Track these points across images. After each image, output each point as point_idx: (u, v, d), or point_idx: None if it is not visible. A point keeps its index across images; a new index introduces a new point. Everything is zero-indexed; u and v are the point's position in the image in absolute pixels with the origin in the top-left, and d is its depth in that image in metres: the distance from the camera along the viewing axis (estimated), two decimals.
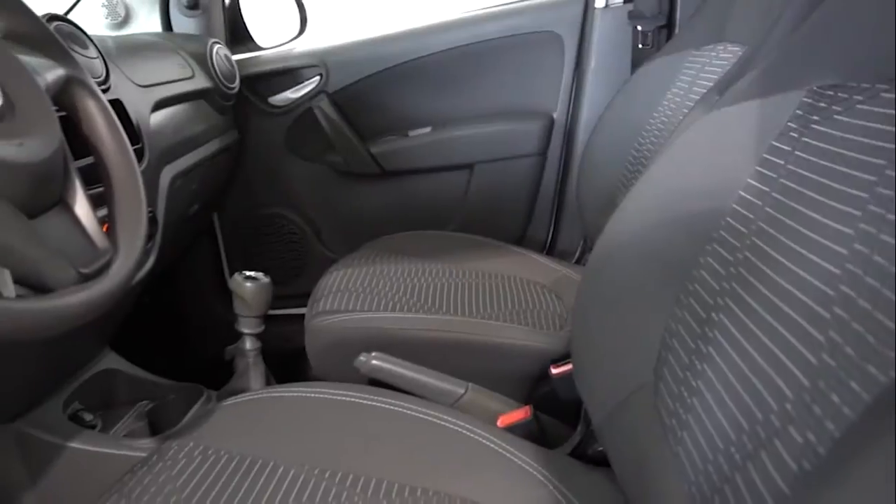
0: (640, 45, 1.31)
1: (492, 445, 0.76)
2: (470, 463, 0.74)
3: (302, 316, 1.09)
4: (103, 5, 1.40)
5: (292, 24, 1.57)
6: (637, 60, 1.32)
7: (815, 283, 0.43)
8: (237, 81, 1.41)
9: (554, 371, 0.92)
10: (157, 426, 1.04)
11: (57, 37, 0.66)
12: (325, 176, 1.55)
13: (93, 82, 0.67)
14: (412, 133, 1.51)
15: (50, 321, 0.48)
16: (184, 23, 1.46)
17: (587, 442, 0.81)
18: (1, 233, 0.48)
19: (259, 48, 1.56)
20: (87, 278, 0.54)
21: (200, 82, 1.29)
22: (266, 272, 1.17)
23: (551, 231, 1.53)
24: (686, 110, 0.99)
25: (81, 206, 0.57)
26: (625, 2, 1.34)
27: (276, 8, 1.57)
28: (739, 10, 0.99)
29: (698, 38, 1.06)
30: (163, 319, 1.54)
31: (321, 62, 1.49)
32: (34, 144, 0.52)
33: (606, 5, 1.36)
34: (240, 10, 1.56)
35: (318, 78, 1.49)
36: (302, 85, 1.50)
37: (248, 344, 1.14)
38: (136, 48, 1.18)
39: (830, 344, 0.40)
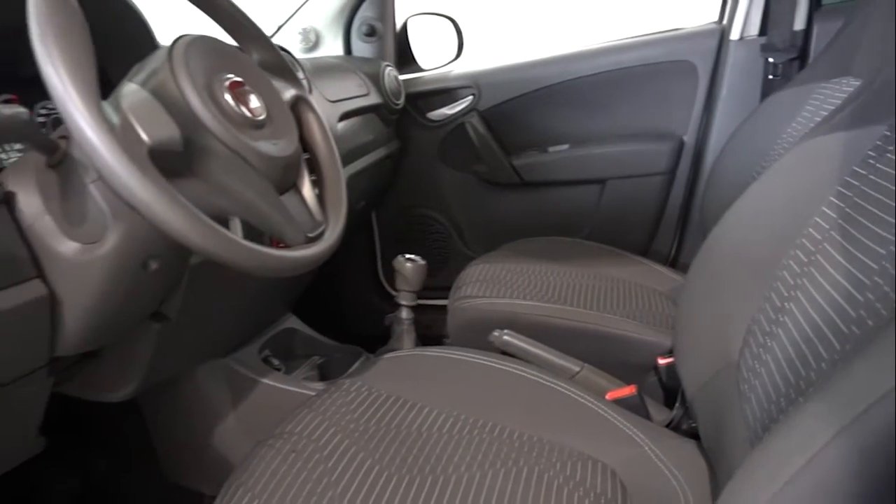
0: (770, 77, 1.40)
1: (599, 411, 0.91)
2: (579, 422, 0.89)
3: (441, 307, 1.28)
4: (299, 33, 1.68)
5: (451, 49, 1.79)
6: (767, 90, 1.41)
7: (857, 274, 0.56)
8: (402, 98, 1.64)
9: (661, 361, 1.05)
10: (325, 377, 1.28)
11: (290, 66, 0.89)
12: (471, 183, 1.75)
13: (313, 100, 0.89)
14: (551, 149, 1.67)
15: (287, 267, 0.70)
16: (361, 47, 1.71)
17: (682, 419, 0.93)
18: (262, 202, 0.71)
19: (421, 70, 1.79)
20: (310, 241, 0.76)
21: (373, 98, 1.53)
22: None
23: (675, 245, 1.64)
24: None
25: (307, 190, 0.79)
26: (759, 35, 1.43)
27: (438, 35, 1.80)
28: (866, 46, 1.06)
29: (827, 70, 1.13)
30: (327, 295, 1.79)
31: (474, 83, 1.68)
32: (284, 144, 0.74)
33: (741, 38, 1.45)
34: (408, 36, 1.79)
35: (471, 97, 1.69)
36: (457, 103, 1.70)
37: (405, 313, 1.36)
38: (325, 69, 1.43)
39: (859, 318, 0.52)
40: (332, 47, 1.71)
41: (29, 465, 0.88)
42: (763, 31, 1.44)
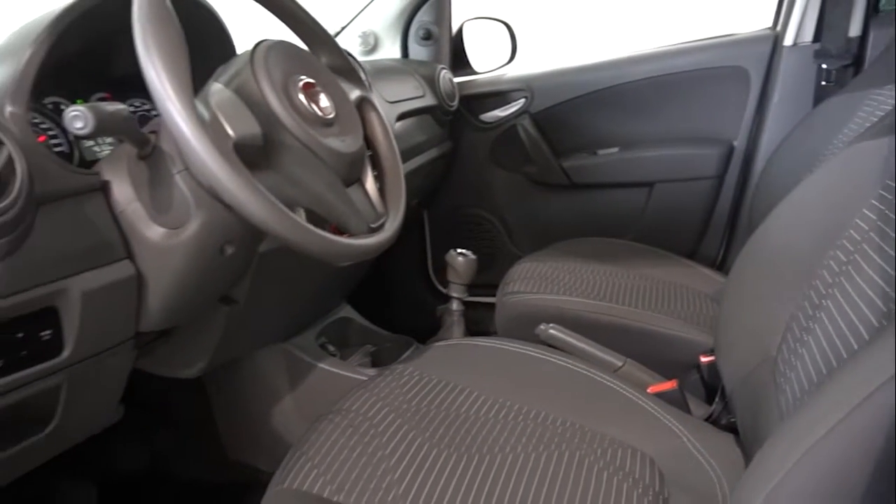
0: (822, 83, 1.40)
1: (640, 402, 0.95)
2: (620, 413, 0.93)
3: (488, 304, 1.33)
4: (359, 36, 1.75)
5: (504, 53, 1.84)
6: (819, 96, 1.41)
7: (890, 272, 0.59)
8: (457, 100, 1.70)
9: (703, 359, 1.08)
10: (377, 365, 1.34)
11: (355, 68, 0.95)
12: (521, 184, 1.79)
13: (376, 100, 0.95)
14: (601, 152, 1.70)
15: (351, 253, 0.76)
16: (418, 51, 1.78)
17: (722, 413, 0.96)
18: (330, 194, 0.77)
19: (475, 73, 1.85)
20: (372, 231, 0.82)
21: (429, 100, 1.58)
22: None
23: (723, 248, 1.65)
24: None
25: (370, 184, 0.85)
26: (813, 41, 1.44)
27: (492, 39, 1.85)
28: None
29: (881, 77, 1.14)
30: (379, 288, 1.86)
31: (527, 86, 1.73)
32: (350, 141, 0.80)
33: (794, 44, 1.46)
34: (463, 40, 1.85)
35: (523, 100, 1.73)
36: (509, 105, 1.75)
37: (455, 305, 1.42)
38: (384, 71, 1.50)
39: (889, 312, 0.55)
40: (390, 50, 1.77)
41: (104, 435, 0.96)
42: (817, 37, 1.44)
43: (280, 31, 0.87)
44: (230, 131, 0.68)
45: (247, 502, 1.27)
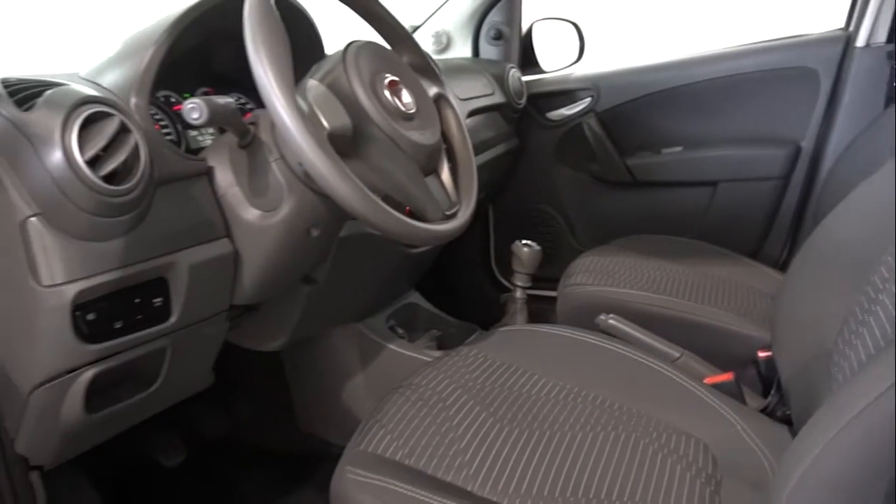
0: (895, 84, 1.39)
1: (696, 392, 0.98)
2: (676, 400, 0.96)
3: (548, 297, 1.37)
4: (432, 35, 1.83)
5: (572, 53, 1.88)
6: (891, 97, 1.40)
7: None
8: (524, 98, 1.75)
9: (760, 354, 1.10)
10: (442, 349, 1.41)
11: (433, 67, 1.02)
12: (584, 181, 1.83)
13: (451, 97, 1.02)
14: (665, 150, 1.72)
15: (429, 237, 0.83)
16: (488, 50, 1.84)
17: (777, 405, 0.98)
18: (410, 182, 0.84)
19: (543, 72, 1.89)
20: (447, 218, 0.88)
21: (498, 98, 1.64)
22: None
23: (787, 249, 1.65)
24: None
25: (445, 175, 0.92)
26: (887, 42, 1.43)
27: (560, 38, 1.89)
28: None
29: None
30: (444, 279, 1.93)
31: (594, 85, 1.76)
32: (429, 134, 0.87)
33: (867, 45, 1.45)
34: (532, 40, 1.90)
35: (589, 99, 1.77)
36: (575, 104, 1.79)
37: (519, 293, 1.47)
38: (455, 69, 1.56)
39: None
40: (462, 50, 1.84)
41: (191, 399, 1.06)
42: (891, 37, 1.43)
43: (364, 32, 0.95)
44: (325, 123, 0.75)
45: (316, 472, 1.37)
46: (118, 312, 0.78)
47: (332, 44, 1.05)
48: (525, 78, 1.80)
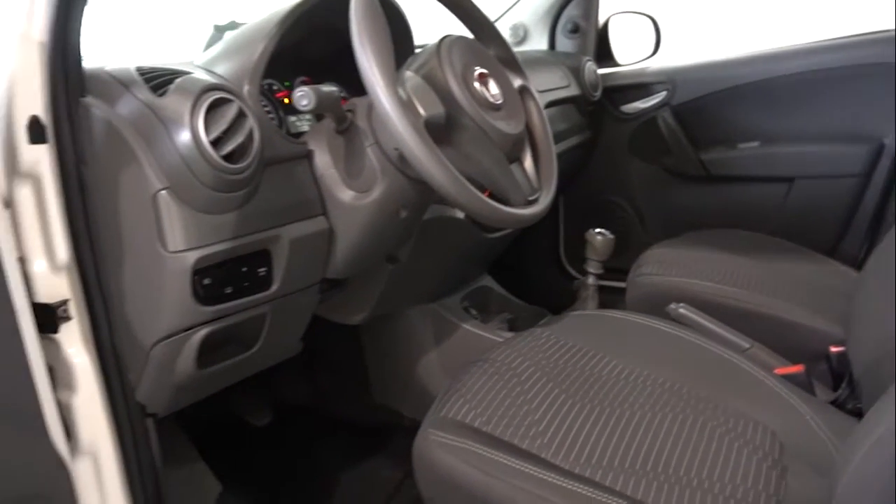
0: None
1: (766, 382, 1.00)
2: (746, 388, 0.98)
3: (615, 288, 1.40)
4: (509, 28, 1.87)
5: (647, 46, 1.89)
6: None
7: None
8: (599, 91, 1.78)
9: (833, 349, 1.11)
10: (514, 331, 1.46)
11: (518, 61, 1.07)
12: (657, 174, 1.84)
13: (534, 89, 1.07)
14: (741, 146, 1.72)
15: (512, 220, 0.89)
16: (564, 43, 1.87)
17: (848, 398, 0.99)
18: (496, 169, 0.90)
19: (618, 65, 1.91)
20: (529, 203, 0.93)
21: (573, 90, 1.68)
22: None
23: (865, 248, 1.62)
24: None
25: (528, 163, 0.97)
26: None
27: (636, 31, 1.90)
28: None
29: None
30: (513, 267, 1.98)
31: (670, 79, 1.77)
32: (514, 123, 0.92)
33: None
34: (608, 33, 1.92)
35: (664, 92, 1.77)
36: (651, 97, 1.80)
37: (591, 279, 1.51)
38: (533, 62, 1.60)
39: None
40: (538, 42, 1.87)
41: (275, 368, 1.14)
42: None
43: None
44: (421, 111, 0.82)
45: (389, 442, 1.44)
46: (229, 279, 0.87)
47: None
48: (600, 71, 1.83)
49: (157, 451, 0.94)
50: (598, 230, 1.50)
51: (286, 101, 1.06)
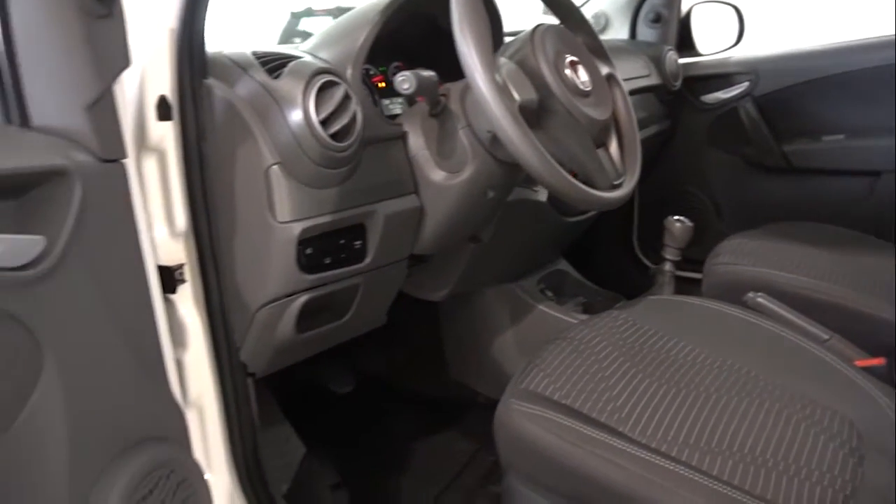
0: None
1: (845, 372, 1.00)
2: (824, 378, 0.98)
3: (691, 280, 1.40)
4: (591, 17, 1.88)
5: (730, 35, 1.87)
6: None
7: None
8: (680, 81, 1.77)
9: None
10: (589, 314, 1.49)
11: (605, 49, 1.09)
12: (737, 165, 1.83)
13: (619, 76, 1.09)
14: (826, 138, 1.69)
15: (599, 202, 0.92)
16: (646, 32, 1.87)
17: None
18: (583, 153, 0.93)
19: (700, 55, 1.90)
20: (614, 187, 0.97)
21: (654, 80, 1.68)
22: None
23: None
24: None
25: (613, 148, 1.00)
26: None
27: (719, 21, 1.89)
28: None
29: None
30: (587, 253, 2.00)
31: (752, 70, 1.75)
32: (602, 110, 0.95)
33: None
34: (690, 23, 1.91)
35: (747, 83, 1.76)
36: (732, 88, 1.79)
37: (668, 266, 1.53)
38: (615, 51, 1.61)
39: None
40: (619, 31, 1.88)
41: (358, 340, 1.20)
42: None
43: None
44: (516, 95, 0.86)
45: (463, 417, 1.50)
46: (328, 250, 0.93)
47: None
48: (681, 60, 1.82)
49: (255, 409, 1.02)
50: (676, 217, 1.51)
51: (381, 84, 1.12)
